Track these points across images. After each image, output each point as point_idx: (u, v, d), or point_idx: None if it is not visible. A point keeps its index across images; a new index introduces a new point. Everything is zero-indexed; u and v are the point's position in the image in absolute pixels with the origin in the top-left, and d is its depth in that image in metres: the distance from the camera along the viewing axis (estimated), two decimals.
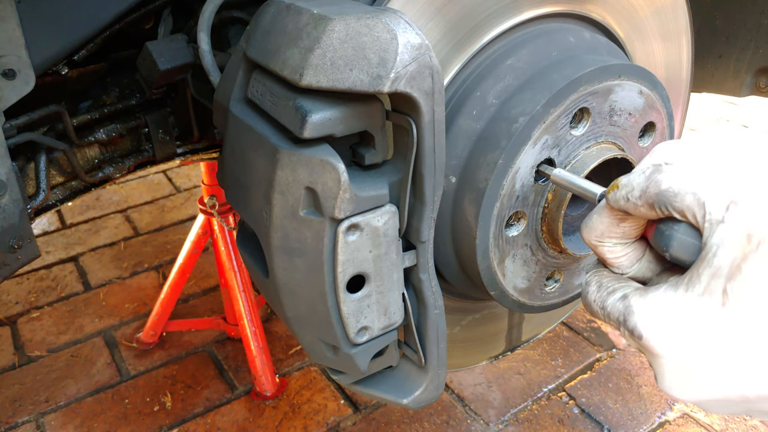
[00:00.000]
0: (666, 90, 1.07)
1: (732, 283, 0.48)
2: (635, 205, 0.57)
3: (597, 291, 0.62)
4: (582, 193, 0.85)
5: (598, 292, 0.61)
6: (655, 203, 0.55)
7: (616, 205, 0.60)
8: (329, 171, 0.75)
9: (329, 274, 0.80)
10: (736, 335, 0.48)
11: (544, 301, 1.12)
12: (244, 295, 1.93)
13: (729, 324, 0.48)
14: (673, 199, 0.53)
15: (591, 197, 0.82)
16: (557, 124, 0.96)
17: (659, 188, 0.54)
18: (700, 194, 0.52)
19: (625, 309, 0.56)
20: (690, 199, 0.52)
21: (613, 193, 0.60)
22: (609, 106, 1.00)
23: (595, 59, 0.99)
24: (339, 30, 0.72)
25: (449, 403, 1.90)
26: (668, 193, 0.54)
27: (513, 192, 0.97)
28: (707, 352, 0.50)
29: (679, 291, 0.52)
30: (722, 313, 0.49)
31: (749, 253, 0.47)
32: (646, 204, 0.56)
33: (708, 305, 0.49)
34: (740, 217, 0.49)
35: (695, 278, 0.51)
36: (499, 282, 1.04)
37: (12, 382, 2.04)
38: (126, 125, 1.20)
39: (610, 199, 0.61)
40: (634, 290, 0.58)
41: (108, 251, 2.68)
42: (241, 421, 1.87)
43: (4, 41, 0.87)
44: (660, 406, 1.87)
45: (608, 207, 0.62)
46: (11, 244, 0.94)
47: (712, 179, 0.52)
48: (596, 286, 0.62)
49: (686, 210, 0.53)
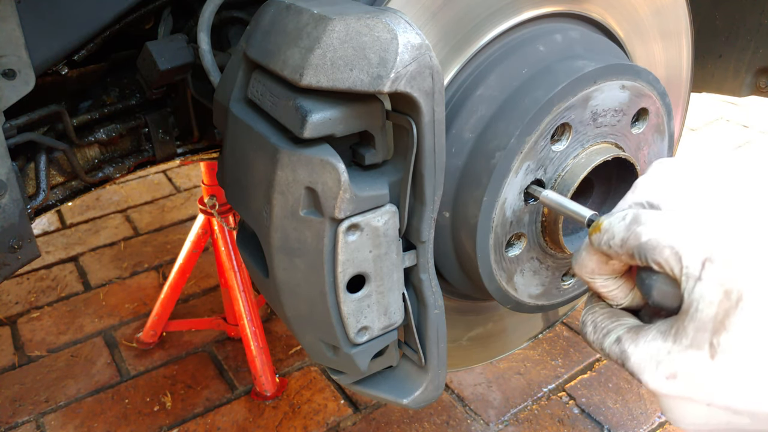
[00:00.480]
0: (653, 73, 1.03)
1: (718, 337, 0.53)
2: (617, 253, 0.61)
3: (593, 333, 0.66)
4: (571, 216, 0.86)
5: (594, 334, 0.66)
6: (634, 254, 0.59)
7: (599, 249, 0.63)
8: (329, 171, 0.75)
9: (329, 274, 0.80)
10: (728, 383, 0.54)
11: (565, 296, 1.12)
12: (244, 295, 1.93)
13: (720, 374, 0.54)
14: (652, 252, 0.57)
15: (580, 221, 0.83)
16: (536, 148, 0.94)
17: (639, 240, 0.58)
18: (677, 248, 0.55)
19: (621, 354, 0.61)
20: (668, 253, 0.56)
21: (596, 236, 0.63)
22: (590, 112, 0.98)
23: (569, 67, 0.96)
24: (339, 30, 0.72)
25: (449, 403, 1.90)
26: (647, 246, 0.57)
27: (505, 220, 0.96)
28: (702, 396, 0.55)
29: (668, 342, 0.57)
30: (712, 365, 0.54)
31: (730, 309, 0.52)
32: (627, 253, 0.60)
33: (697, 358, 0.55)
34: (716, 275, 0.53)
35: (681, 330, 0.56)
36: (513, 296, 1.04)
37: (12, 382, 2.04)
38: (126, 125, 1.20)
39: (594, 242, 0.64)
40: (626, 331, 0.62)
41: (108, 251, 2.68)
42: (241, 421, 1.87)
43: (4, 41, 0.87)
44: (660, 406, 1.87)
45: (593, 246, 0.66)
46: (11, 244, 0.94)
47: (689, 233, 0.56)
48: (591, 327, 0.66)
49: (664, 263, 0.57)
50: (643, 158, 1.10)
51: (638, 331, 0.61)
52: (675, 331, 0.57)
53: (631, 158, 1.02)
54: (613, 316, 0.66)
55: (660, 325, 0.59)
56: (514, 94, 0.95)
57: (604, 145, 1.01)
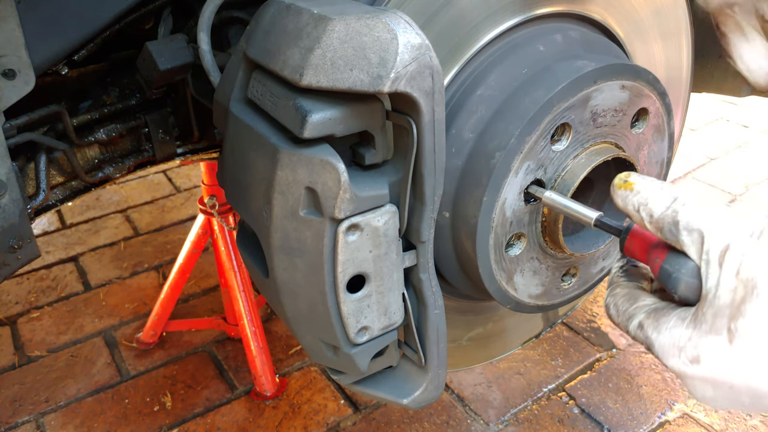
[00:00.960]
0: (653, 73, 1.03)
1: (735, 323, 0.57)
2: (642, 219, 0.65)
3: (617, 316, 0.70)
4: (576, 217, 0.87)
5: (618, 318, 0.70)
6: (664, 228, 0.63)
7: (624, 208, 0.67)
8: (329, 171, 0.75)
9: (329, 274, 0.80)
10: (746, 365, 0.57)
11: (565, 296, 1.12)
12: (244, 295, 1.93)
13: (738, 357, 0.57)
14: (682, 232, 0.61)
15: (587, 221, 0.84)
16: (536, 148, 0.94)
17: (675, 219, 0.62)
18: (705, 232, 0.60)
19: (645, 339, 0.65)
20: (695, 237, 0.60)
21: (624, 194, 0.66)
22: (590, 112, 0.98)
23: (569, 67, 0.96)
24: (339, 30, 0.72)
25: (449, 403, 1.90)
26: (681, 226, 0.62)
27: (505, 220, 0.96)
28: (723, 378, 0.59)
29: (689, 329, 0.61)
30: (731, 349, 0.57)
31: (747, 296, 0.56)
32: (655, 224, 0.64)
33: (717, 343, 0.58)
34: (733, 263, 0.57)
35: (701, 316, 0.59)
36: (513, 296, 1.04)
37: (12, 382, 2.04)
38: (126, 125, 1.20)
39: (619, 198, 0.67)
40: (647, 317, 0.66)
41: (108, 251, 2.68)
42: (241, 421, 1.87)
43: (4, 41, 0.87)
44: (660, 406, 1.87)
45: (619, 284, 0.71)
46: (11, 244, 0.94)
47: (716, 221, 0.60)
48: (614, 310, 0.71)
49: (689, 244, 0.61)
50: (643, 158, 1.10)
51: (658, 317, 0.64)
52: (695, 317, 0.60)
53: (631, 158, 1.02)
54: (632, 298, 0.69)
55: (680, 311, 0.63)
56: (514, 94, 0.95)
57: (604, 145, 1.01)
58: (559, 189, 0.98)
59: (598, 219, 0.84)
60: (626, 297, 0.70)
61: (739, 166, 3.06)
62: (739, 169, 3.03)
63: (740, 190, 2.87)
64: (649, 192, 0.65)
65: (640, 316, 0.66)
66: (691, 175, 3.01)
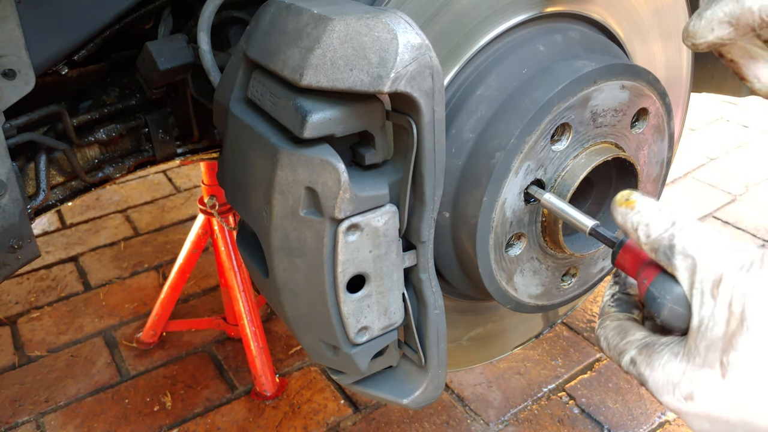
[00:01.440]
0: (653, 73, 1.03)
1: (727, 356, 0.56)
2: (639, 238, 0.64)
3: (608, 350, 0.69)
4: (572, 223, 0.87)
5: (609, 352, 0.69)
6: (659, 250, 0.63)
7: (623, 225, 0.66)
8: (329, 171, 0.75)
9: (329, 274, 0.80)
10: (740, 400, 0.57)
11: (565, 296, 1.12)
12: (244, 295, 1.93)
13: (732, 392, 0.57)
14: (677, 257, 0.61)
15: (582, 229, 0.84)
16: (536, 148, 0.94)
17: (672, 242, 0.62)
18: (697, 261, 0.59)
19: (639, 376, 0.64)
20: (689, 263, 0.60)
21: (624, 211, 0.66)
22: (590, 112, 0.97)
23: (569, 67, 0.96)
24: (339, 30, 0.72)
25: (449, 403, 1.90)
26: (676, 250, 0.61)
27: (505, 220, 0.96)
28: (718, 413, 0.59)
29: (682, 363, 0.60)
30: (724, 383, 0.57)
31: (737, 329, 0.55)
32: (650, 245, 0.63)
33: (710, 377, 0.58)
34: (725, 295, 0.57)
35: (693, 349, 0.59)
36: (512, 296, 1.04)
37: (12, 382, 2.04)
38: (126, 125, 1.20)
39: (618, 215, 0.66)
40: (638, 352, 0.65)
41: (108, 251, 2.68)
42: (241, 421, 1.87)
43: (4, 41, 0.87)
44: (660, 406, 1.87)
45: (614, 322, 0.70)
46: (11, 244, 0.94)
47: (711, 251, 0.59)
48: (605, 344, 0.70)
49: (681, 269, 0.61)
50: (642, 158, 1.10)
51: (651, 353, 0.64)
52: (687, 350, 0.60)
53: (631, 158, 1.02)
54: (622, 331, 0.69)
55: (672, 346, 0.62)
56: (514, 94, 0.95)
57: (604, 145, 1.01)
58: (559, 189, 0.98)
59: (593, 228, 0.84)
60: (617, 330, 0.69)
61: (739, 166, 3.06)
62: (739, 169, 3.03)
63: (740, 190, 2.87)
64: (650, 213, 0.64)
65: (631, 352, 0.66)
66: (691, 175, 3.01)
